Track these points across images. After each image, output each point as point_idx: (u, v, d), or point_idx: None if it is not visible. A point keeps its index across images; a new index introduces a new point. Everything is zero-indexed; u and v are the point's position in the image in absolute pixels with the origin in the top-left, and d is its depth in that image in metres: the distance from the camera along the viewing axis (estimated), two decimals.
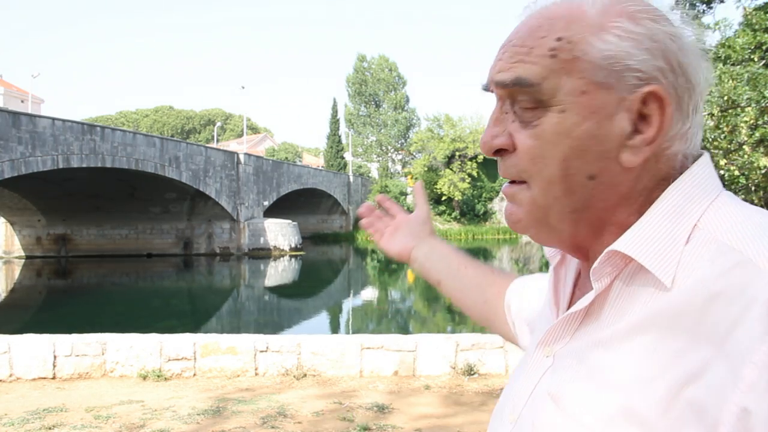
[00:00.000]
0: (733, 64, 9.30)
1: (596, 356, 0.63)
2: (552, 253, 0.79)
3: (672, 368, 0.57)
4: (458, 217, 56.19)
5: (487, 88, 0.71)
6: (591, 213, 0.65)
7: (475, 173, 53.56)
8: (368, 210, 1.27)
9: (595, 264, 0.64)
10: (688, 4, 11.17)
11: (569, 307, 0.73)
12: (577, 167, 0.64)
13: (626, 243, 0.63)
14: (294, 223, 38.64)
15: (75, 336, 6.34)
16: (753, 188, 9.41)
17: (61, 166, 25.32)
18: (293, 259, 35.42)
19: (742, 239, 0.59)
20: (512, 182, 0.69)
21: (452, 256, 1.16)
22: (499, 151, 0.68)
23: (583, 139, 0.63)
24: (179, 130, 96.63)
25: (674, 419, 0.56)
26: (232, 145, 64.91)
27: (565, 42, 0.63)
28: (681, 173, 0.65)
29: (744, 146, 8.83)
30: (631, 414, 0.58)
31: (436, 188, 53.98)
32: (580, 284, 0.75)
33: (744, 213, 0.62)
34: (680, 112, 0.64)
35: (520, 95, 0.65)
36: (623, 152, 0.63)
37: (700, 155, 0.67)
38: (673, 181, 0.65)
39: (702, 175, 0.65)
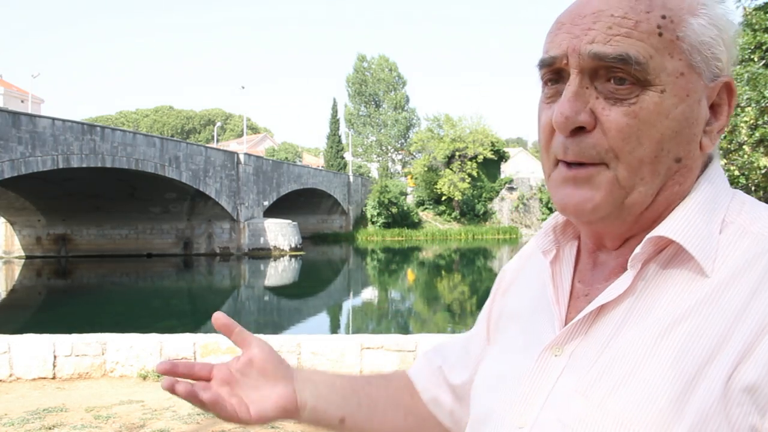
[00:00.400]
0: (733, 64, 9.30)
1: (628, 349, 0.62)
2: (547, 248, 0.75)
3: (719, 354, 0.57)
4: (458, 217, 56.20)
5: (552, 63, 0.65)
6: (664, 196, 0.65)
7: (475, 173, 53.57)
8: (173, 367, 0.76)
9: (637, 249, 0.64)
10: None
11: (569, 302, 0.71)
12: (669, 149, 0.63)
13: (671, 228, 0.63)
14: (294, 223, 38.64)
15: (75, 336, 6.34)
16: (753, 188, 9.41)
17: (61, 166, 25.32)
18: (293, 259, 35.42)
19: None
20: (580, 165, 0.64)
21: (342, 383, 0.88)
22: (575, 130, 0.63)
23: (679, 121, 0.62)
24: (179, 130, 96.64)
25: (727, 402, 0.56)
26: (232, 145, 64.89)
27: (668, 21, 0.62)
28: (705, 168, 0.68)
29: (744, 146, 8.83)
30: (682, 405, 0.57)
31: (436, 188, 54.02)
32: (579, 276, 0.73)
33: (766, 208, 0.65)
34: None
35: (614, 71, 0.62)
36: (704, 137, 0.65)
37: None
38: (701, 175, 0.67)
39: (721, 172, 0.69)
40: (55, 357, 6.15)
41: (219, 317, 0.80)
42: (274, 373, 0.80)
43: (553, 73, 0.65)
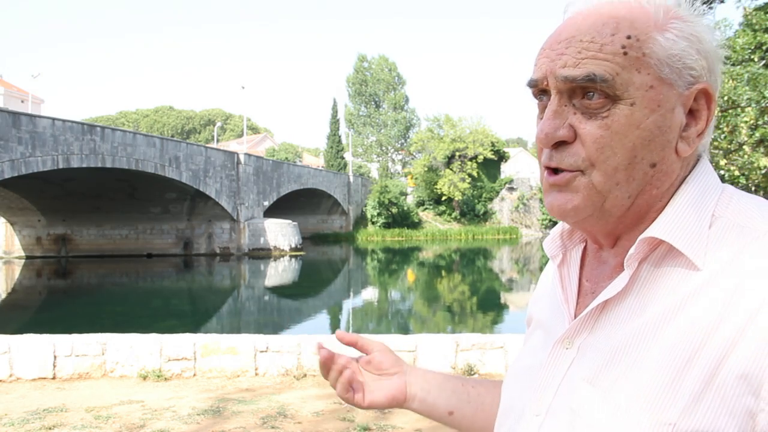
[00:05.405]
0: (733, 64, 9.30)
1: (629, 341, 0.67)
2: (554, 253, 0.83)
3: (708, 343, 0.62)
4: (458, 217, 56.19)
5: (535, 84, 0.73)
6: (643, 199, 0.71)
7: (475, 173, 53.57)
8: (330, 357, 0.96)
9: (631, 250, 0.69)
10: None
11: (578, 300, 0.78)
12: (642, 156, 0.69)
13: (661, 229, 0.69)
14: (294, 223, 38.63)
15: (75, 336, 6.34)
16: (753, 188, 9.41)
17: (61, 166, 25.31)
18: (293, 259, 35.41)
19: (764, 222, 0.67)
20: (560, 172, 0.71)
21: (452, 380, 1.01)
22: (558, 143, 0.71)
23: (651, 130, 0.68)
24: (179, 130, 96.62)
25: (718, 390, 0.61)
26: (232, 145, 64.88)
27: (634, 40, 0.68)
28: (693, 167, 0.73)
29: (744, 146, 8.82)
30: (675, 390, 0.62)
31: (436, 188, 54.02)
32: (587, 275, 0.79)
33: (753, 201, 0.70)
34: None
35: (587, 89, 0.69)
36: (680, 142, 0.70)
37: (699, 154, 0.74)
38: (689, 174, 0.73)
39: (710, 170, 0.74)
40: (55, 357, 6.15)
41: (343, 336, 0.99)
42: (389, 370, 0.99)
43: (540, 91, 0.74)
